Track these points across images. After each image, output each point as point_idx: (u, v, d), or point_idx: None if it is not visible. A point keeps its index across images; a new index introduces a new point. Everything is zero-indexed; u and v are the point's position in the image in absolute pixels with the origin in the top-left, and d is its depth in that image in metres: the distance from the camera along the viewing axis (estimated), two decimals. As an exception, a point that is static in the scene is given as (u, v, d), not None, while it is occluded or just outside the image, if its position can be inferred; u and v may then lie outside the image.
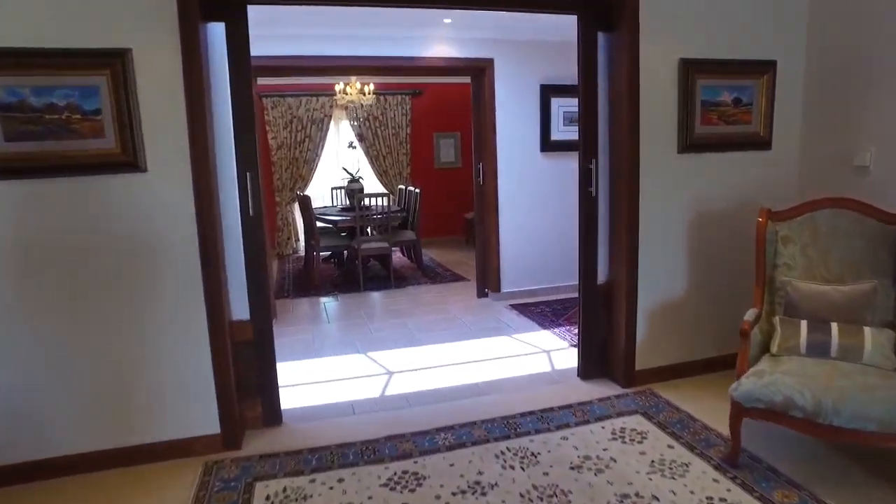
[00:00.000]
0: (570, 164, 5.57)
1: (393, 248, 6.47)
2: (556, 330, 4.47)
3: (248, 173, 2.65)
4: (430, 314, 5.09)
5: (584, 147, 3.28)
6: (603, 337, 3.45)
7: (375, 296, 5.89)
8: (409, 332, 4.60)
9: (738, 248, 3.40)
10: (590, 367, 3.46)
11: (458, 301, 5.53)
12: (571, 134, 5.38)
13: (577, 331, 4.43)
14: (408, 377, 3.63)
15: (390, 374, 3.70)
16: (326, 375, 3.70)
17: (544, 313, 4.96)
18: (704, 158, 3.30)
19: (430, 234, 9.11)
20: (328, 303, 5.67)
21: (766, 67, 3.30)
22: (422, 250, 7.16)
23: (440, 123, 9.04)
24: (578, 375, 3.49)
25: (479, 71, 5.15)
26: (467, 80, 8.95)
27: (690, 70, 3.13)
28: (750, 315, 2.63)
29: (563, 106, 5.35)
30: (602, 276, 3.47)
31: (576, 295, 5.45)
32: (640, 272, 3.25)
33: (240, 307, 2.77)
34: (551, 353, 4.01)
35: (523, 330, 4.54)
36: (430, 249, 8.42)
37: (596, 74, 3.24)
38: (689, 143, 3.21)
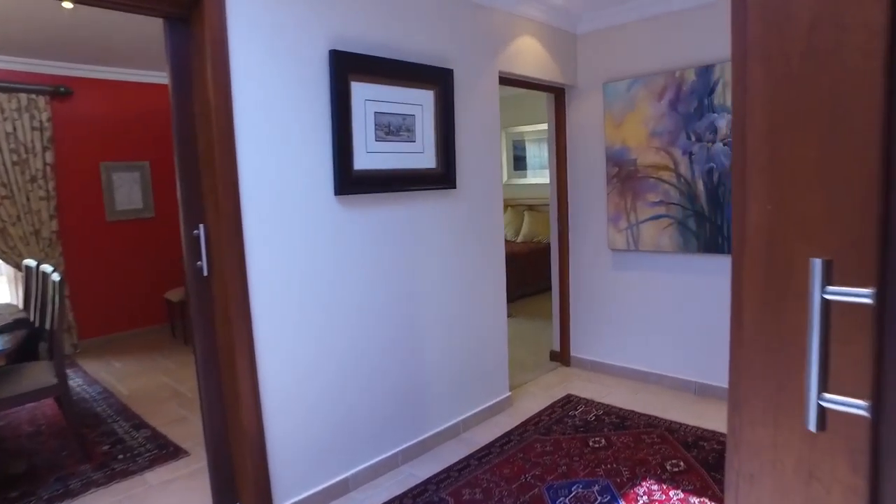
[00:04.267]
0: (397, 217, 2.88)
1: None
2: None
3: None
4: None
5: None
6: None
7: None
8: None
9: None
10: None
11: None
12: (395, 158, 2.72)
13: None
14: None
15: None
16: None
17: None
18: None
19: (106, 328, 5.39)
20: None
21: None
22: (96, 362, 3.61)
23: (113, 147, 5.42)
24: None
25: (187, 8, 2.13)
26: (157, 79, 5.62)
27: None
28: None
29: (376, 99, 2.65)
30: None
31: (436, 471, 2.71)
32: None
33: None
34: None
35: None
36: (106, 358, 4.75)
37: None
38: None
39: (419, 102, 2.84)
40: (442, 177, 2.99)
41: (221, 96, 2.14)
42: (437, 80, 2.90)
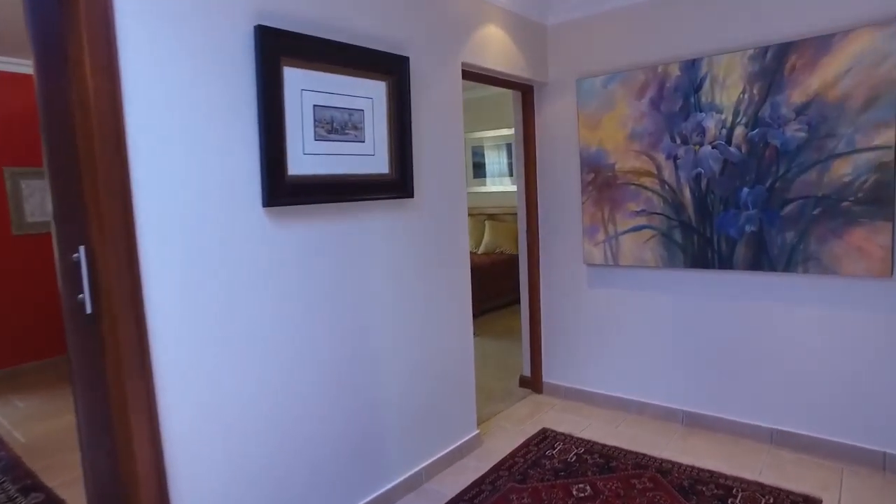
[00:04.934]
0: (342, 232, 2.34)
1: None
2: None
3: None
4: None
5: None
6: None
7: None
8: None
9: None
10: None
11: None
12: (339, 161, 2.25)
13: None
14: None
15: None
16: None
17: None
18: None
19: (12, 359, 4.70)
20: None
21: None
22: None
23: (20, 150, 4.74)
24: None
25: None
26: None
27: None
28: None
29: (315, 89, 2.17)
30: None
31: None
32: None
33: None
34: None
35: None
36: (8, 396, 4.05)
37: None
38: None
39: (369, 95, 2.37)
40: (397, 184, 2.52)
41: (103, 79, 1.62)
42: (391, 68, 2.44)
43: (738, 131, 2.90)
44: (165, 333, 1.78)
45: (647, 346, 3.40)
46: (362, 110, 2.35)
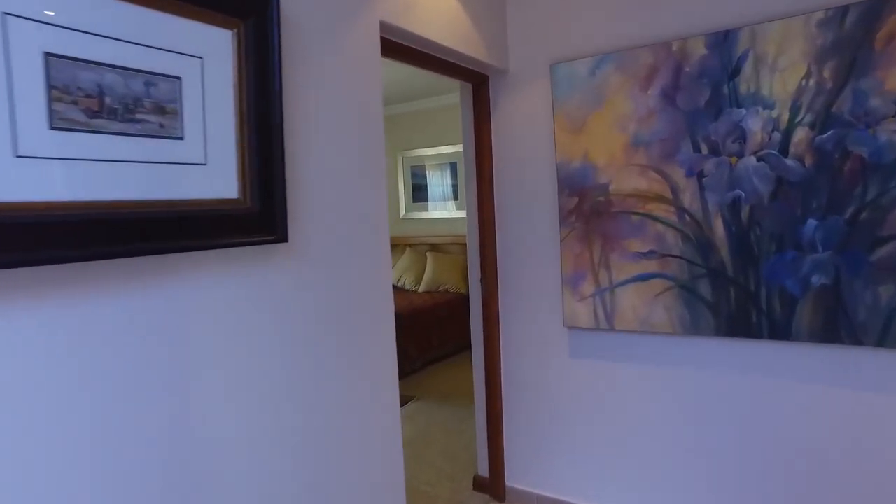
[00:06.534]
0: (130, 321, 1.18)
1: None
2: None
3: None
4: None
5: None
6: None
7: None
8: None
9: None
10: None
11: None
12: (128, 174, 1.03)
13: None
14: None
15: None
16: None
17: None
18: None
19: None
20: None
21: None
22: None
23: None
24: None
25: None
26: None
27: None
28: None
29: (56, 20, 1.01)
30: None
31: None
32: None
33: None
34: None
35: None
36: None
37: None
38: None
39: (195, 52, 1.24)
40: (254, 218, 1.38)
41: None
42: (243, 6, 1.32)
43: (800, 135, 1.93)
44: None
45: (657, 443, 2.36)
46: (178, 78, 1.22)
